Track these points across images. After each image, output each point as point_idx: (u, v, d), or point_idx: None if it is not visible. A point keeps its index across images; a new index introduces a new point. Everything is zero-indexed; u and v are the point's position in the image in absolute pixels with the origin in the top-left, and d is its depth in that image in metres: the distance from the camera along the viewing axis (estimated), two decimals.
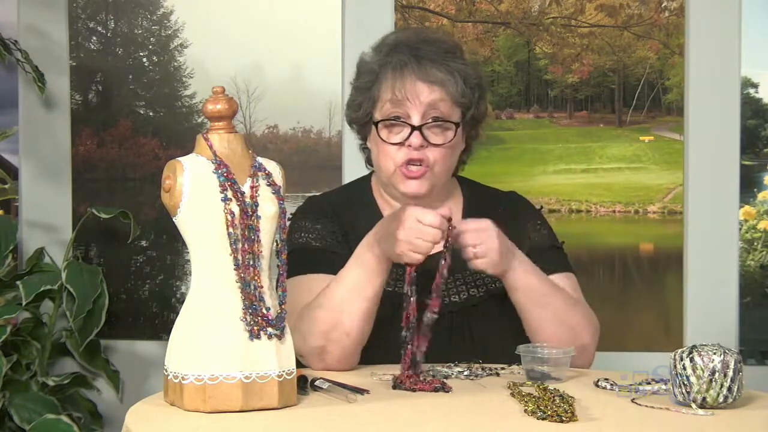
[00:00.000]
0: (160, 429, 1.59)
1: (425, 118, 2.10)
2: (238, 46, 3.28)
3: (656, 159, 3.25)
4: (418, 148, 2.10)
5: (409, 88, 2.10)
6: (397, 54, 2.13)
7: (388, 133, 2.13)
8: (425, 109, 2.10)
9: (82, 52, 3.31)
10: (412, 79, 2.10)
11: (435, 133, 2.11)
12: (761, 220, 3.20)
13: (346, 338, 1.98)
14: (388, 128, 2.13)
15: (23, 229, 3.30)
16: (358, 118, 2.20)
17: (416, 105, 2.10)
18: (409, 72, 2.11)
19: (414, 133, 2.09)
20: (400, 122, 2.11)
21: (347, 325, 1.98)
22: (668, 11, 3.22)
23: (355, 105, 2.20)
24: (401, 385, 1.83)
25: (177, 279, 3.31)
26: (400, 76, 2.11)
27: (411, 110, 2.10)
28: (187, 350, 1.64)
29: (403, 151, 2.11)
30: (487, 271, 2.01)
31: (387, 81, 2.13)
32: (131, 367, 3.28)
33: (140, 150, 3.32)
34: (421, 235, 1.90)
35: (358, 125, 2.23)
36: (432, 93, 2.11)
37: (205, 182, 1.66)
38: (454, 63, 2.14)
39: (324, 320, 1.98)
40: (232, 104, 1.71)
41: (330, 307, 1.98)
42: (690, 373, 1.66)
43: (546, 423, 1.58)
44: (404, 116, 2.11)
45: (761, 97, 3.21)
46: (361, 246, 2.00)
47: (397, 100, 2.11)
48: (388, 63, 2.14)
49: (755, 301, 3.21)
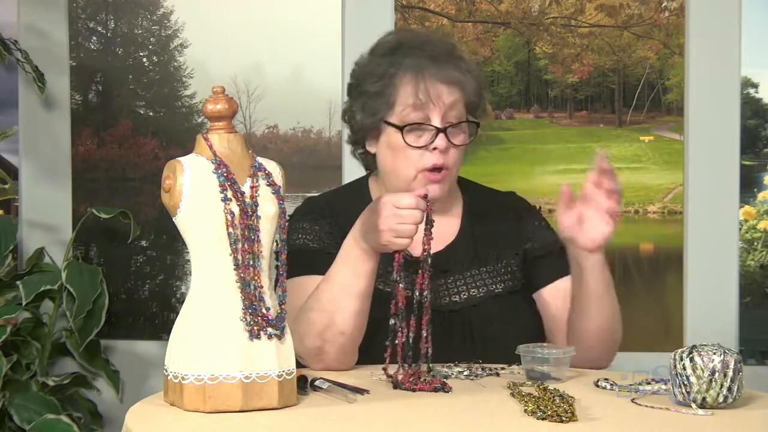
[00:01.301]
0: (160, 429, 1.59)
1: (445, 119, 2.08)
2: (238, 46, 3.28)
3: (656, 159, 3.25)
4: (444, 151, 2.07)
5: (431, 90, 2.07)
6: (408, 56, 2.10)
7: (413, 138, 2.08)
8: (446, 111, 2.08)
9: (82, 52, 3.32)
10: (433, 81, 2.08)
11: (455, 135, 2.10)
12: (761, 220, 3.20)
13: (341, 337, 1.98)
14: (413, 133, 2.09)
15: (23, 229, 3.31)
16: (372, 123, 2.13)
17: (439, 107, 2.07)
18: (429, 74, 2.08)
19: (439, 135, 2.07)
20: (423, 125, 2.08)
21: (341, 325, 1.98)
22: (668, 11, 3.22)
23: (369, 110, 2.13)
24: (401, 385, 1.83)
25: (177, 279, 3.31)
26: (422, 78, 2.08)
27: (433, 113, 2.07)
28: (187, 350, 1.64)
29: (426, 156, 2.08)
30: (598, 241, 1.97)
31: (406, 84, 2.09)
32: (131, 367, 3.29)
33: (140, 150, 3.32)
34: (402, 220, 1.87)
35: (366, 131, 2.17)
36: (451, 94, 2.09)
37: (205, 182, 1.66)
38: (463, 63, 2.13)
39: (317, 321, 1.98)
40: (232, 104, 1.71)
41: (321, 308, 1.98)
42: (690, 373, 1.66)
43: (546, 423, 1.58)
44: (425, 119, 2.08)
45: (761, 97, 3.21)
46: (346, 244, 1.98)
47: (419, 104, 2.07)
48: (402, 65, 2.10)
49: (755, 301, 3.21)
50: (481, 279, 2.15)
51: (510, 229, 2.22)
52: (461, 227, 2.21)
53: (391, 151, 2.12)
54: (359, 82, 2.17)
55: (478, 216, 2.23)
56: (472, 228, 2.21)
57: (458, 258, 2.16)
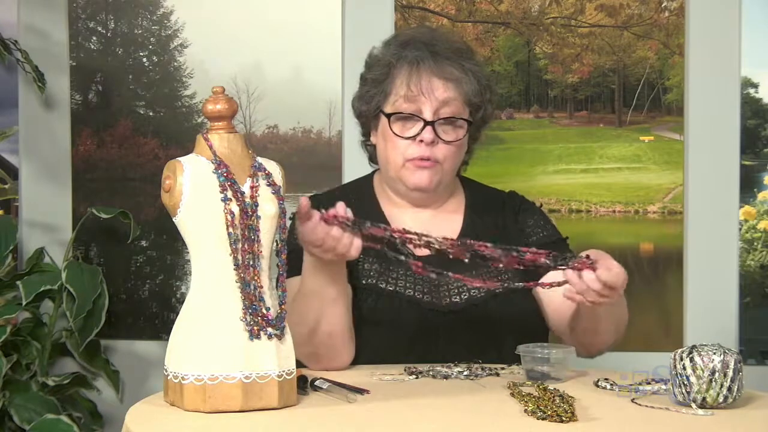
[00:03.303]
0: (160, 429, 1.59)
1: (437, 114, 2.10)
2: (238, 46, 3.28)
3: (656, 159, 3.25)
4: (429, 144, 2.09)
5: (424, 83, 2.10)
6: (413, 49, 2.13)
7: (400, 128, 2.12)
8: (438, 106, 2.10)
9: (82, 52, 3.31)
10: (428, 75, 2.10)
11: (446, 131, 2.12)
12: (761, 220, 3.20)
13: (330, 339, 1.99)
14: (401, 122, 2.12)
15: (23, 229, 3.30)
16: (368, 111, 2.19)
17: (430, 101, 2.10)
18: (425, 68, 2.11)
19: (426, 128, 2.09)
20: (414, 117, 2.10)
21: (326, 329, 1.99)
22: (668, 11, 3.22)
23: (367, 97, 2.18)
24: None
25: (177, 279, 3.31)
26: (416, 71, 2.11)
27: (424, 105, 2.10)
28: (187, 350, 1.64)
29: (413, 147, 2.11)
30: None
31: (402, 75, 2.12)
32: (131, 367, 3.29)
33: (140, 150, 3.32)
34: (306, 238, 1.85)
35: (365, 118, 2.21)
36: (447, 90, 2.11)
37: (205, 182, 1.66)
38: (468, 63, 2.15)
39: (302, 331, 1.97)
40: (232, 104, 1.71)
41: (302, 321, 1.97)
42: (690, 373, 1.66)
43: (546, 423, 1.58)
44: (417, 111, 2.10)
45: (761, 97, 3.21)
46: (305, 255, 1.96)
47: (411, 95, 2.10)
48: (403, 57, 2.13)
49: (755, 301, 3.21)
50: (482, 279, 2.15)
51: (511, 228, 2.23)
52: (463, 227, 2.21)
53: (383, 140, 2.16)
54: (367, 69, 2.21)
55: (481, 215, 2.23)
56: (474, 227, 2.21)
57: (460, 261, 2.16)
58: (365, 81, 2.20)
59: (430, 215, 2.19)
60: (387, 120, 2.13)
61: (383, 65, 2.16)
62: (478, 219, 2.22)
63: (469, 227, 2.21)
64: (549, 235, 2.23)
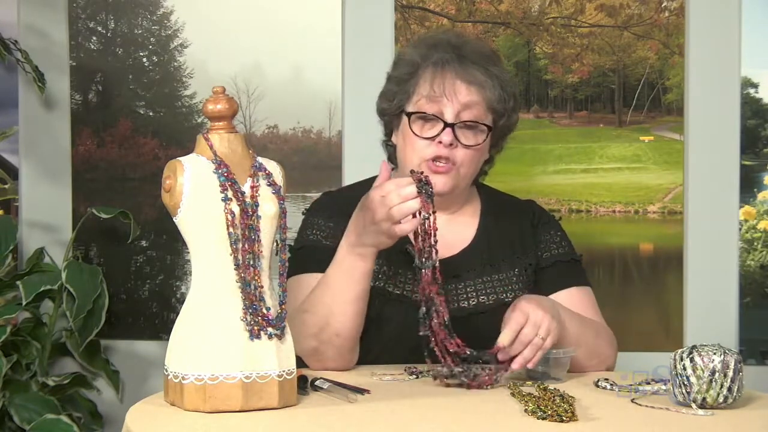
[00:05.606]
0: (160, 429, 1.59)
1: (459, 117, 2.09)
2: (238, 46, 3.28)
3: (656, 159, 3.25)
4: (448, 146, 2.08)
5: (448, 85, 2.09)
6: (440, 51, 2.12)
7: (420, 128, 2.10)
8: (460, 109, 2.08)
9: (82, 52, 3.31)
10: (452, 77, 2.09)
11: (466, 135, 2.10)
12: (761, 220, 3.20)
13: (337, 339, 1.99)
14: (421, 122, 2.11)
15: (23, 229, 3.30)
16: (390, 109, 2.18)
17: (453, 103, 2.08)
18: (450, 70, 2.10)
19: (446, 130, 2.08)
20: (435, 118, 2.09)
21: (336, 327, 1.98)
22: (668, 11, 3.22)
23: (390, 95, 2.17)
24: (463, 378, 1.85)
25: (177, 279, 3.31)
26: (441, 72, 2.10)
27: (446, 107, 2.08)
28: (187, 350, 1.64)
29: (432, 148, 2.09)
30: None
31: (426, 76, 2.11)
32: (131, 367, 3.29)
33: (140, 150, 3.32)
34: (392, 203, 1.86)
35: (388, 117, 2.20)
36: (470, 94, 2.09)
37: (206, 182, 1.66)
38: (493, 69, 2.14)
39: (312, 323, 1.98)
40: (232, 104, 1.71)
41: (316, 311, 1.98)
42: (690, 373, 1.66)
43: (546, 423, 1.58)
44: (438, 113, 2.09)
45: (761, 97, 3.21)
46: (341, 249, 1.97)
47: (434, 96, 2.09)
48: (429, 57, 2.12)
49: (755, 301, 3.21)
50: (492, 287, 2.14)
51: (526, 239, 2.22)
52: (477, 234, 2.20)
53: (403, 140, 2.14)
54: (393, 68, 2.21)
55: (496, 223, 2.22)
56: (487, 235, 2.20)
57: (471, 264, 2.16)
58: (389, 79, 2.19)
59: (444, 220, 2.14)
60: (407, 119, 2.11)
61: (408, 64, 2.15)
62: (493, 230, 2.21)
63: (482, 238, 2.20)
64: (564, 253, 2.21)
